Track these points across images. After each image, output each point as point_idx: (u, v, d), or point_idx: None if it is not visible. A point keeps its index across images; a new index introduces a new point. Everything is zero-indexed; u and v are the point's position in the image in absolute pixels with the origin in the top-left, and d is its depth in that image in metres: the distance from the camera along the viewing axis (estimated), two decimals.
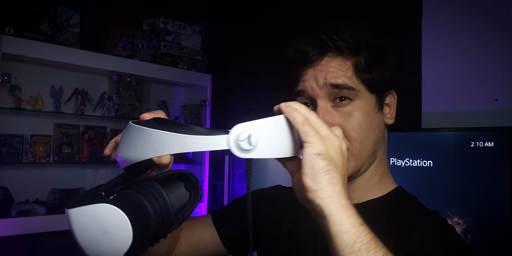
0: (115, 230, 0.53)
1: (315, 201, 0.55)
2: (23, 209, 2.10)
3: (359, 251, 0.53)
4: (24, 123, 2.23)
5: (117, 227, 0.53)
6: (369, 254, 0.53)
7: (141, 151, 0.57)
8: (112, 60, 2.42)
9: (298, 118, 0.57)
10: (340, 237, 0.54)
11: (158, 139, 0.56)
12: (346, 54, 0.77)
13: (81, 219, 0.54)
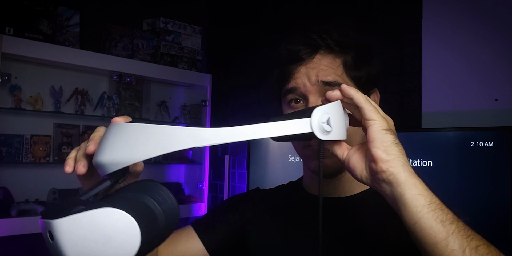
0: (120, 237, 0.48)
1: (389, 170, 0.59)
2: (23, 209, 2.10)
3: (436, 209, 0.60)
4: (24, 123, 2.23)
5: (122, 232, 0.48)
6: (444, 211, 0.61)
7: (155, 148, 0.54)
8: (112, 60, 2.42)
9: (363, 97, 0.62)
10: (417, 199, 0.59)
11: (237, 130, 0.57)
12: (336, 52, 0.80)
13: (75, 228, 0.47)
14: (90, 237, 0.48)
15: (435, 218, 0.59)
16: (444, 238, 0.58)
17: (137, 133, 0.55)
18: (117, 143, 0.55)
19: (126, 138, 0.55)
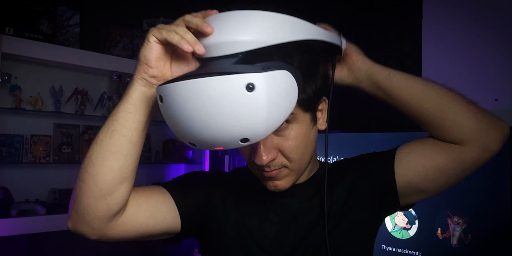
0: (290, 94, 0.64)
1: (371, 65, 0.84)
2: (23, 209, 2.10)
3: (412, 77, 0.84)
4: (24, 123, 2.23)
5: (291, 90, 0.64)
6: (399, 72, 0.84)
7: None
8: (112, 60, 2.42)
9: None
10: (397, 75, 0.83)
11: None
12: None
13: (274, 81, 0.62)
14: (281, 90, 0.63)
15: (404, 76, 0.84)
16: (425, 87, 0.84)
17: (268, 18, 0.69)
18: (251, 25, 0.67)
19: (257, 22, 0.68)
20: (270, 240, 0.85)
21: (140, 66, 0.70)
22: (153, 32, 0.67)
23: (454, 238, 1.61)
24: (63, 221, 0.82)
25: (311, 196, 0.88)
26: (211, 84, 0.60)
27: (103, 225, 0.75)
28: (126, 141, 0.72)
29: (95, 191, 0.72)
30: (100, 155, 0.72)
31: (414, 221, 1.73)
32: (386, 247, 1.81)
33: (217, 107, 0.60)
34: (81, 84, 2.41)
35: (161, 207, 0.83)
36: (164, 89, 0.64)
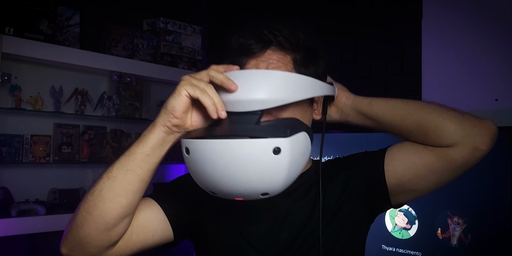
0: (307, 151, 0.74)
1: (354, 99, 0.90)
2: (23, 209, 2.10)
3: (390, 100, 0.90)
4: (24, 123, 2.23)
5: (308, 149, 0.74)
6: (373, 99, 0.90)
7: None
8: (112, 60, 2.42)
9: None
10: (377, 101, 0.89)
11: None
12: (286, 49, 0.82)
13: (296, 144, 0.71)
14: (300, 151, 0.72)
15: (384, 100, 0.89)
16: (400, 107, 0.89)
17: (283, 78, 0.74)
18: (264, 85, 0.73)
19: (267, 81, 0.73)
20: (263, 239, 0.86)
21: (166, 115, 0.74)
22: (186, 87, 0.73)
23: (454, 238, 1.61)
24: (63, 221, 0.83)
25: (303, 193, 0.90)
26: (241, 145, 0.68)
27: (101, 252, 0.78)
28: (138, 180, 0.76)
29: (99, 224, 0.75)
30: (111, 191, 0.75)
31: (414, 221, 1.73)
32: (386, 247, 1.81)
33: (243, 166, 0.68)
34: (81, 84, 2.41)
35: (150, 221, 0.85)
36: (192, 143, 0.72)
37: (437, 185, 0.87)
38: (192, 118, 0.76)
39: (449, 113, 0.84)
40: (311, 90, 0.77)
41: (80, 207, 0.76)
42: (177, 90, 0.74)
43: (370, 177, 0.89)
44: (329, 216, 0.87)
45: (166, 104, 0.74)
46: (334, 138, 1.91)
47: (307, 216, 0.87)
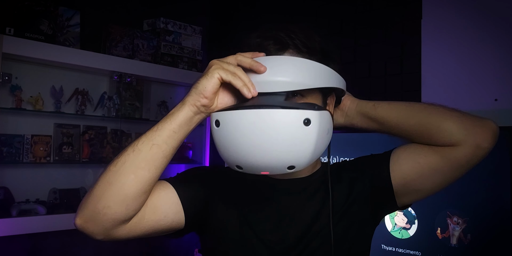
0: (330, 130, 0.78)
1: (358, 102, 0.93)
2: (23, 209, 2.10)
3: (393, 102, 0.90)
4: (24, 123, 2.24)
5: (330, 129, 0.78)
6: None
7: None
8: (113, 60, 2.42)
9: None
10: (380, 104, 0.90)
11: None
12: (303, 52, 0.84)
13: (323, 119, 0.74)
14: (325, 128, 0.75)
15: (387, 103, 0.91)
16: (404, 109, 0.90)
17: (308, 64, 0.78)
18: (293, 68, 0.77)
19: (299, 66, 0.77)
20: (272, 234, 0.88)
21: (196, 95, 0.78)
22: (218, 71, 0.76)
23: (454, 238, 1.62)
24: (64, 221, 0.84)
25: (311, 193, 0.92)
26: (273, 115, 0.71)
27: (115, 227, 0.78)
28: (162, 155, 0.78)
29: (120, 195, 0.75)
30: (134, 164, 0.76)
31: (414, 221, 1.73)
32: (386, 247, 1.81)
33: (274, 136, 0.70)
34: (82, 84, 2.41)
35: (163, 202, 0.85)
36: (224, 115, 0.74)
37: (441, 185, 0.89)
38: (218, 100, 0.80)
39: (451, 113, 0.86)
40: (332, 81, 0.81)
41: (100, 178, 0.77)
42: (209, 72, 0.77)
43: (376, 179, 0.91)
44: (338, 216, 0.89)
45: (197, 84, 0.78)
46: (336, 138, 1.91)
47: (315, 215, 0.89)
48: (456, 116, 0.86)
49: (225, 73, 0.76)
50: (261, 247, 0.87)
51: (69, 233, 2.23)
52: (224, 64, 0.78)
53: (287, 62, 0.78)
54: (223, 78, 0.76)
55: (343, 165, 0.98)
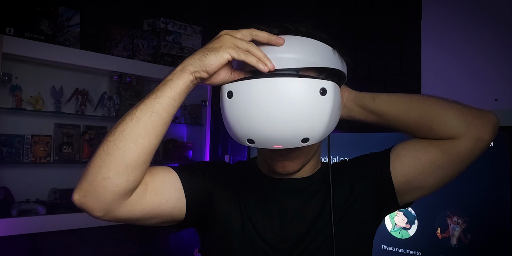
0: (341, 108, 0.78)
1: (356, 94, 0.91)
2: (23, 209, 2.10)
3: (392, 94, 0.90)
4: (24, 123, 2.24)
5: (341, 105, 0.79)
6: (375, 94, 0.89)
7: None
8: (113, 60, 2.42)
9: None
10: (379, 95, 0.89)
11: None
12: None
13: (337, 92, 0.74)
14: (338, 101, 0.75)
15: (386, 95, 0.89)
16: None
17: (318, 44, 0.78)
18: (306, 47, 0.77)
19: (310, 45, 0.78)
20: (274, 233, 0.88)
21: (200, 67, 0.75)
22: (229, 51, 0.74)
23: (454, 238, 1.62)
24: (64, 221, 0.83)
25: (312, 193, 0.91)
26: (289, 83, 0.69)
27: (115, 201, 0.75)
28: (162, 123, 0.76)
29: (120, 165, 0.73)
30: (134, 132, 0.74)
31: (414, 220, 1.73)
32: (386, 247, 1.81)
33: (289, 105, 0.68)
34: (82, 84, 2.41)
35: (166, 186, 0.83)
36: (238, 85, 0.72)
37: (443, 181, 0.88)
38: (216, 75, 0.78)
39: (451, 105, 0.86)
40: (339, 64, 0.81)
41: (99, 149, 0.74)
42: (220, 50, 0.74)
43: (376, 177, 0.90)
44: (339, 216, 0.89)
45: (204, 57, 0.75)
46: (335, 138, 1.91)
47: (317, 215, 0.89)
48: (456, 108, 0.85)
49: (236, 53, 0.74)
50: (263, 246, 0.87)
51: (69, 233, 2.23)
52: (237, 41, 0.75)
53: (298, 40, 0.78)
54: (235, 58, 0.74)
55: (343, 165, 0.98)
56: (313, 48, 0.77)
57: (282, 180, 0.91)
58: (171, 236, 2.76)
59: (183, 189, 0.85)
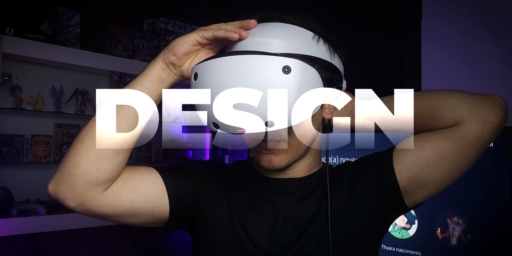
0: (317, 91, 0.71)
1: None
2: (23, 209, 2.10)
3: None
4: (24, 123, 2.24)
5: (319, 87, 0.72)
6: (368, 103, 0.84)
7: None
8: (113, 60, 2.42)
9: None
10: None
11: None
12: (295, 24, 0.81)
13: (307, 73, 0.68)
14: (310, 82, 0.68)
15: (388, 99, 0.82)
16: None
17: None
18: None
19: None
20: (265, 236, 0.83)
21: (167, 51, 0.77)
22: (198, 31, 0.75)
23: (454, 238, 1.62)
24: (64, 221, 0.84)
25: (307, 194, 0.86)
26: (250, 61, 0.64)
27: (86, 191, 0.74)
28: (133, 112, 0.75)
29: (90, 153, 0.74)
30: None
31: (414, 221, 1.73)
32: (386, 247, 1.81)
33: (251, 85, 0.63)
34: (82, 84, 2.41)
35: (146, 184, 0.81)
36: (202, 65, 0.68)
37: (452, 174, 0.80)
38: (191, 63, 0.77)
39: (453, 91, 0.80)
40: (326, 55, 0.77)
41: (74, 141, 0.77)
42: (189, 34, 0.75)
43: (380, 175, 0.84)
44: (335, 219, 0.83)
45: (173, 42, 0.77)
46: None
47: (311, 217, 0.84)
48: (456, 92, 0.79)
49: (206, 32, 0.73)
50: (252, 249, 0.82)
51: (69, 233, 2.23)
52: (205, 27, 0.76)
53: (277, 26, 0.76)
54: (204, 36, 0.73)
55: (346, 165, 0.93)
56: (291, 35, 0.74)
57: (275, 179, 0.87)
58: (171, 236, 2.76)
59: (166, 188, 0.83)
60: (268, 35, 0.73)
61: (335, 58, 0.81)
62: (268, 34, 0.74)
